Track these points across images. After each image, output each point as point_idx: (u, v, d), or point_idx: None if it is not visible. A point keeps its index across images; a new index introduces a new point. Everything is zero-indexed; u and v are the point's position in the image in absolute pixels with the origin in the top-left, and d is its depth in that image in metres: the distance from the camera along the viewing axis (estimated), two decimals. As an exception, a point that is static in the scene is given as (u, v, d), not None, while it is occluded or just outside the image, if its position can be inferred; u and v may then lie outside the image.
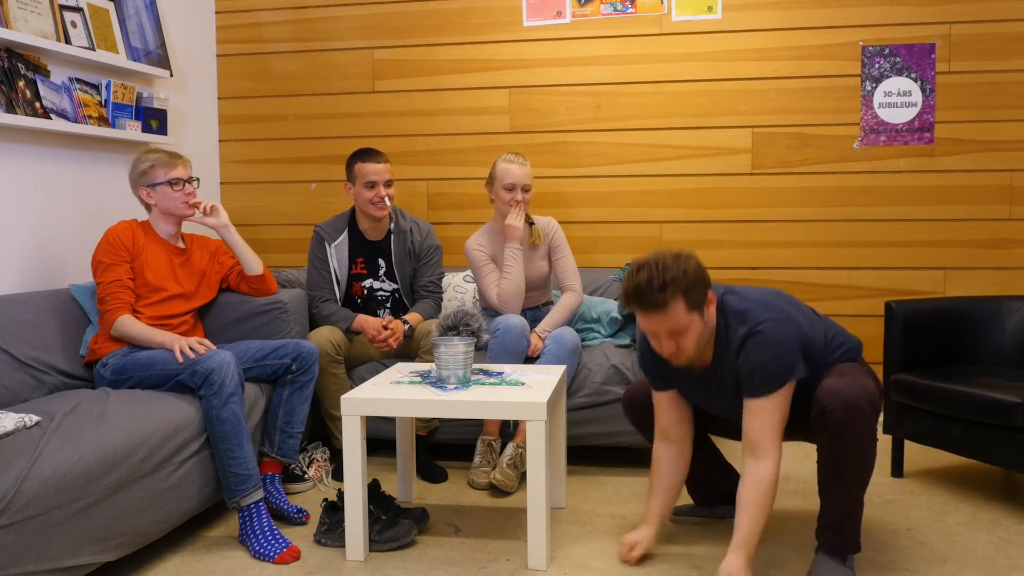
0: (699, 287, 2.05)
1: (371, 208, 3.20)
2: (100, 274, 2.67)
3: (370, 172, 3.18)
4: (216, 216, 2.88)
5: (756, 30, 3.67)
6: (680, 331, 2.05)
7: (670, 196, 3.79)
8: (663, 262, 2.02)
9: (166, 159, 2.77)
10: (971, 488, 2.86)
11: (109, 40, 3.26)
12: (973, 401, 2.56)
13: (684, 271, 2.02)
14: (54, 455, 1.95)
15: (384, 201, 3.19)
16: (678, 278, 2.01)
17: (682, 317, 2.03)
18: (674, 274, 2.00)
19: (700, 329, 2.08)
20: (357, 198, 3.24)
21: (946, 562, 2.27)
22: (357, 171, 3.20)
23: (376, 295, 3.28)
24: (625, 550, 2.29)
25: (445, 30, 3.89)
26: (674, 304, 2.01)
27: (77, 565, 1.97)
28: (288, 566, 2.31)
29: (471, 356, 2.48)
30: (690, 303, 2.03)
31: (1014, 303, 3.00)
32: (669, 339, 2.07)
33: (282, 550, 2.34)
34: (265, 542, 2.37)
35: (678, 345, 2.07)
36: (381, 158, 3.23)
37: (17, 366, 2.52)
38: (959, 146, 3.59)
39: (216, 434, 2.41)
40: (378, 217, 3.24)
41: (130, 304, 2.65)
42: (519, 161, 3.18)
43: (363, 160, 3.21)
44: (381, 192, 3.18)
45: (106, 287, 2.64)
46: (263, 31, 4.04)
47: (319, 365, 2.81)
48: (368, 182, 3.18)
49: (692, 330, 2.06)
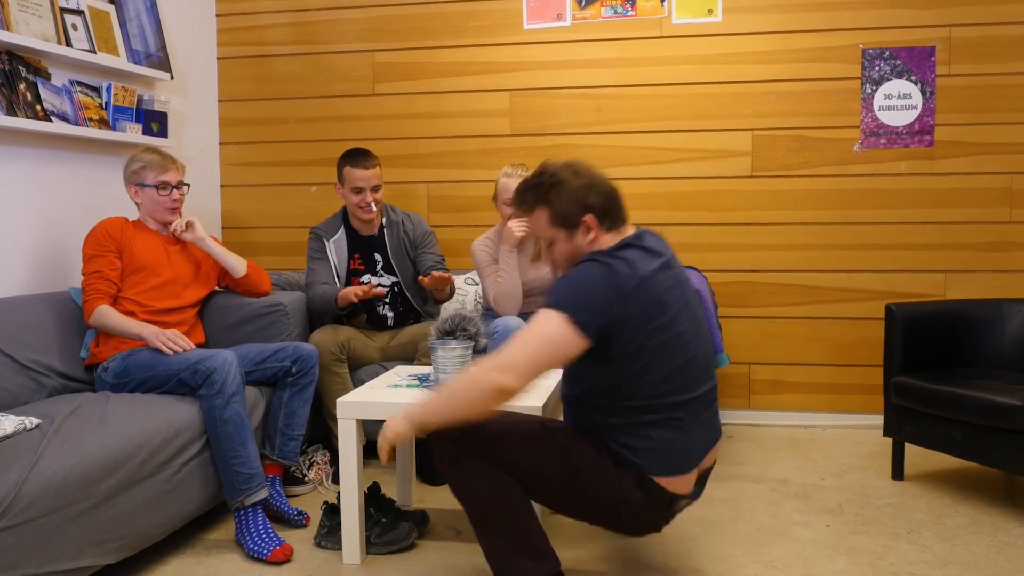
0: (573, 206, 1.92)
1: (357, 211, 3.23)
2: (85, 265, 2.71)
3: (357, 178, 3.18)
4: (191, 231, 2.89)
5: (756, 33, 3.67)
6: (548, 241, 1.99)
7: (670, 199, 3.79)
8: (548, 169, 1.96)
9: (158, 162, 2.79)
10: (972, 491, 2.86)
11: (110, 43, 3.26)
12: (973, 404, 2.56)
13: (561, 183, 1.92)
14: (54, 457, 1.95)
15: (371, 207, 3.20)
16: (548, 187, 1.93)
17: (544, 228, 1.97)
18: (546, 182, 1.94)
19: (568, 249, 1.96)
20: (345, 199, 3.27)
21: (947, 565, 2.26)
22: (346, 175, 3.21)
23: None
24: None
25: (446, 33, 3.90)
26: (538, 211, 1.96)
27: (77, 568, 1.97)
28: (287, 568, 2.31)
29: (468, 359, 2.48)
30: (554, 217, 1.94)
31: (1014, 306, 3.00)
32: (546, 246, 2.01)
33: (275, 547, 2.35)
34: (259, 539, 2.38)
35: (550, 254, 2.01)
36: (369, 163, 3.20)
37: (17, 369, 2.52)
38: (959, 149, 3.59)
39: (219, 434, 2.42)
40: (364, 220, 3.26)
41: (110, 295, 2.67)
42: (517, 174, 3.17)
43: (352, 164, 3.20)
44: (368, 198, 3.19)
45: (88, 278, 2.69)
46: (264, 34, 4.05)
47: (321, 365, 2.82)
48: (355, 187, 3.19)
49: (557, 246, 1.97)
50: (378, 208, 3.25)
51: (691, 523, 2.60)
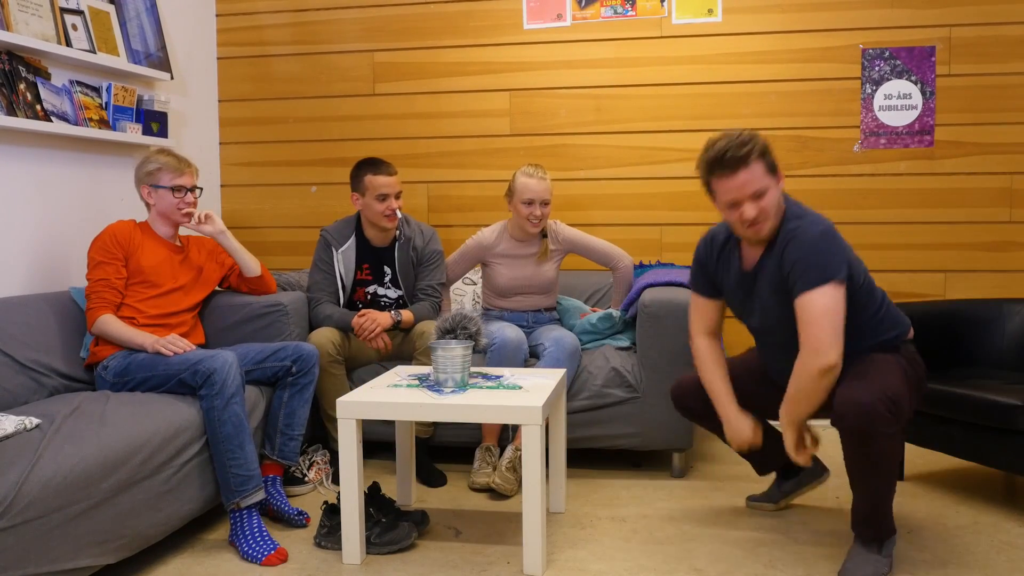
0: (772, 156, 2.18)
1: (383, 220, 3.17)
2: (91, 271, 2.70)
3: (382, 185, 3.13)
4: (211, 224, 2.88)
5: (756, 33, 3.67)
6: (762, 192, 2.14)
7: (670, 199, 3.79)
8: (737, 131, 2.17)
9: (175, 164, 2.79)
10: (971, 491, 2.86)
11: (110, 43, 3.26)
12: (973, 404, 2.56)
13: (758, 136, 2.16)
14: (54, 457, 1.95)
15: (396, 213, 3.17)
16: (756, 139, 2.15)
17: (761, 177, 2.14)
18: (751, 136, 2.15)
19: (776, 196, 2.18)
20: (367, 210, 3.19)
21: (946, 565, 2.26)
22: (367, 183, 3.15)
23: (380, 301, 3.28)
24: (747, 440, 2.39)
25: (446, 33, 3.90)
26: (755, 163, 2.14)
27: (77, 568, 1.97)
28: (287, 568, 2.31)
29: (469, 359, 2.48)
30: (767, 165, 2.16)
31: (1014, 306, 3.00)
32: (752, 202, 2.15)
33: (270, 552, 2.35)
34: (255, 543, 2.37)
35: (760, 208, 2.14)
36: (392, 169, 3.18)
37: (17, 368, 2.52)
38: (959, 149, 3.59)
39: (217, 435, 2.42)
40: (388, 228, 3.22)
41: (114, 304, 2.67)
42: (538, 175, 3.18)
43: (374, 172, 3.15)
44: (393, 205, 3.15)
45: (93, 285, 2.67)
46: (264, 34, 4.05)
47: (319, 365, 2.82)
48: (380, 195, 3.14)
49: (771, 194, 2.16)
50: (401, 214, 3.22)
51: (691, 523, 2.60)
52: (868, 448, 2.06)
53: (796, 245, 2.12)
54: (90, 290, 2.68)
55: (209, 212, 2.89)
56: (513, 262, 3.29)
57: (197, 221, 2.85)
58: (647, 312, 3.00)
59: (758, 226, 2.18)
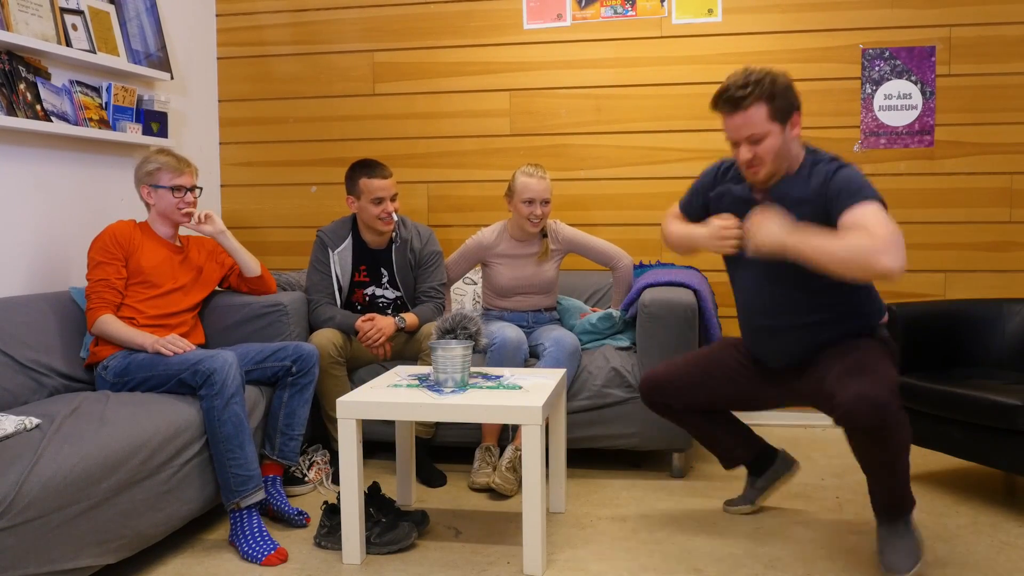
0: (785, 100, 2.13)
1: (378, 223, 3.15)
2: (91, 271, 2.70)
3: (377, 188, 3.10)
4: (211, 224, 2.88)
5: (756, 33, 3.67)
6: (758, 138, 2.12)
7: (671, 199, 3.74)
8: (753, 69, 2.13)
9: (174, 164, 2.79)
10: (971, 491, 2.86)
11: (110, 43, 3.26)
12: (973, 404, 2.56)
13: (772, 80, 2.11)
14: (54, 457, 1.95)
15: (392, 216, 3.16)
16: (763, 83, 2.10)
17: (761, 122, 2.11)
18: (759, 79, 2.10)
19: (778, 143, 2.14)
20: (362, 212, 3.17)
21: (946, 566, 2.26)
22: (363, 186, 3.12)
23: (378, 302, 3.27)
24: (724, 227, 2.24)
25: (445, 33, 3.90)
26: (756, 107, 2.10)
27: (77, 568, 1.97)
28: (286, 568, 2.31)
29: (469, 359, 2.48)
30: (772, 111, 2.11)
31: (1015, 306, 3.00)
32: (748, 145, 2.13)
33: (270, 552, 2.35)
34: (255, 543, 2.38)
35: (755, 154, 2.12)
36: (386, 172, 3.15)
37: (17, 368, 2.52)
38: (959, 149, 3.59)
39: (217, 435, 2.42)
40: (384, 231, 3.20)
41: (114, 304, 2.67)
42: (538, 174, 3.18)
43: (369, 175, 3.12)
44: (388, 207, 3.13)
45: (93, 285, 2.67)
46: (263, 34, 4.05)
47: (320, 366, 2.82)
48: (376, 198, 3.11)
49: (770, 140, 2.13)
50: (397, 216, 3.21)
51: (691, 523, 2.60)
52: (886, 443, 2.03)
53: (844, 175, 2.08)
54: (90, 290, 2.68)
55: (209, 212, 2.89)
56: (513, 262, 3.29)
57: (197, 221, 2.85)
58: (647, 312, 3.00)
59: (753, 169, 2.17)
